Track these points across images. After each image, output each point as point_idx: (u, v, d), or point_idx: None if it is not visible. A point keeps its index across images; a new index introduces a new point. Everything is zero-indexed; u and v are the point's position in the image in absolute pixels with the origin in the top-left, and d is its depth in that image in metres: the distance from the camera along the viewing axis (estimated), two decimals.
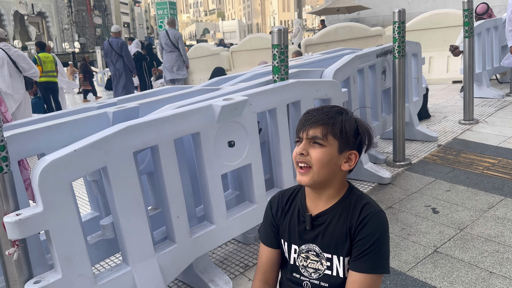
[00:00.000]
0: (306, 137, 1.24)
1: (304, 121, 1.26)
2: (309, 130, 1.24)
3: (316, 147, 1.23)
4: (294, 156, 1.27)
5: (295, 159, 1.27)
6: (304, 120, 1.27)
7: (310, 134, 1.23)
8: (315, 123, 1.24)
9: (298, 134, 1.27)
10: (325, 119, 1.23)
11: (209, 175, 2.18)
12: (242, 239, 2.85)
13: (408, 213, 3.00)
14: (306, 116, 1.27)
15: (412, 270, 2.36)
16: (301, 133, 1.26)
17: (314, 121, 1.24)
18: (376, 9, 14.22)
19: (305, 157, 1.23)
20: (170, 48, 9.13)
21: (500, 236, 2.61)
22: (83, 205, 3.64)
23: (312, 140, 1.23)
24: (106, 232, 2.04)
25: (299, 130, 1.27)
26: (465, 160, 3.85)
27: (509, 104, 5.58)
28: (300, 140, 1.26)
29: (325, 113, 1.25)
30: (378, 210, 1.25)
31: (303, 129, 1.25)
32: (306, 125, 1.25)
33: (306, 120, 1.26)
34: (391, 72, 3.93)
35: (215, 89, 2.79)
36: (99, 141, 1.74)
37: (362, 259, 1.21)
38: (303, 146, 1.24)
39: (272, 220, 1.39)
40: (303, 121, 1.27)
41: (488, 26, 6.04)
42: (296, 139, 1.28)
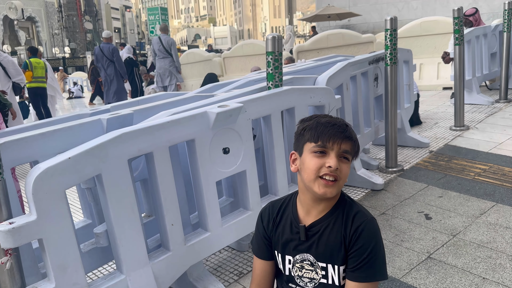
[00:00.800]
0: (338, 151, 1.22)
1: (332, 133, 1.22)
2: (341, 144, 1.22)
3: (344, 161, 1.23)
4: (318, 168, 1.21)
5: (320, 171, 1.21)
6: (333, 132, 1.22)
7: (343, 149, 1.22)
8: (347, 138, 1.23)
9: (325, 144, 1.21)
10: (352, 135, 1.25)
11: (203, 182, 2.18)
12: (236, 246, 2.84)
13: (401, 219, 3.01)
14: (333, 128, 1.22)
15: (406, 277, 2.37)
16: (330, 144, 1.21)
17: (346, 136, 1.23)
18: (367, 16, 14.36)
19: (336, 171, 1.21)
20: (163, 54, 9.12)
21: (492, 242, 2.64)
22: (75, 211, 3.60)
23: (341, 154, 1.23)
24: (100, 240, 2.02)
25: (325, 140, 1.21)
26: (457, 166, 3.89)
27: (498, 111, 5.65)
28: (325, 152, 1.22)
29: (350, 129, 1.26)
30: (370, 218, 1.27)
31: (333, 141, 1.21)
32: (336, 138, 1.21)
33: (336, 133, 1.22)
34: (383, 79, 3.97)
35: (209, 95, 2.79)
36: (93, 149, 1.73)
37: (360, 269, 1.22)
38: (336, 160, 1.21)
39: (263, 233, 1.38)
40: (330, 133, 1.22)
41: (477, 33, 6.13)
42: (319, 149, 1.22)
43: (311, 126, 1.25)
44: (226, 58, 10.98)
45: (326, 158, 1.22)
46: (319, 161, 1.22)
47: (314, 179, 1.23)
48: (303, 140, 1.27)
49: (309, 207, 1.30)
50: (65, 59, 31.13)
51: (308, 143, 1.24)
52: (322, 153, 1.22)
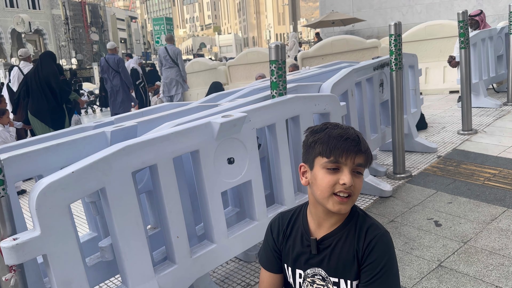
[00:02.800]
0: (352, 166, 1.17)
1: (345, 148, 1.17)
2: (355, 158, 1.17)
3: (358, 176, 1.20)
4: (332, 185, 1.17)
5: (334, 188, 1.17)
6: (346, 146, 1.17)
7: (356, 163, 1.18)
8: (361, 152, 1.18)
9: (338, 159, 1.17)
10: (366, 147, 1.21)
11: (209, 193, 2.16)
12: (243, 257, 2.81)
13: (411, 227, 2.97)
14: (346, 143, 1.17)
15: (417, 286, 2.32)
16: (343, 159, 1.16)
17: (360, 149, 1.18)
18: (371, 21, 14.35)
19: (350, 187, 1.17)
20: (169, 64, 9.16)
21: (504, 249, 2.58)
22: (81, 224, 3.60)
23: (355, 169, 1.19)
24: (105, 254, 2.00)
25: (338, 155, 1.16)
26: (466, 171, 3.83)
27: (507, 114, 5.58)
28: (338, 167, 1.17)
29: (362, 140, 1.21)
30: (383, 231, 1.24)
31: (346, 156, 1.16)
32: (350, 153, 1.17)
33: (350, 148, 1.17)
34: (388, 84, 3.94)
35: (213, 105, 2.78)
36: (97, 162, 1.72)
37: (373, 284, 1.19)
38: (350, 177, 1.16)
39: (273, 245, 1.35)
40: (343, 147, 1.17)
41: (483, 36, 6.08)
42: (332, 165, 1.17)
43: (322, 139, 1.20)
44: (231, 66, 11.01)
45: (340, 175, 1.17)
46: (332, 178, 1.18)
47: (328, 196, 1.19)
48: (313, 153, 1.22)
49: (321, 220, 1.26)
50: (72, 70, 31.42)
51: (320, 158, 1.20)
52: (335, 170, 1.18)
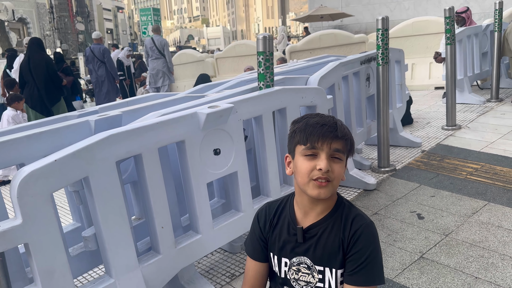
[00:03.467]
0: (328, 151, 1.18)
1: (321, 134, 1.18)
2: (331, 144, 1.18)
3: (336, 161, 1.20)
4: (310, 171, 1.19)
5: (312, 174, 1.19)
6: (321, 132, 1.18)
7: (333, 148, 1.19)
8: (337, 137, 1.19)
9: (314, 145, 1.18)
10: (344, 133, 1.21)
11: (194, 183, 2.15)
12: (229, 248, 2.82)
13: (394, 219, 3.01)
14: (323, 129, 1.19)
15: (399, 277, 2.36)
16: (319, 145, 1.18)
17: (337, 135, 1.19)
18: (359, 16, 14.39)
19: (328, 173, 1.18)
20: (156, 55, 9.08)
21: (484, 241, 2.64)
22: (64, 215, 3.56)
23: (333, 154, 1.19)
24: (88, 243, 1.98)
25: (314, 141, 1.18)
26: (449, 165, 3.89)
27: (490, 110, 5.68)
28: (315, 154, 1.19)
29: (340, 127, 1.22)
30: (369, 222, 1.25)
31: (322, 142, 1.18)
32: (326, 139, 1.18)
33: (325, 133, 1.18)
34: (375, 79, 3.96)
35: (199, 96, 2.76)
36: (80, 151, 1.70)
37: (359, 273, 1.21)
38: (327, 163, 1.17)
39: (260, 234, 1.36)
40: (319, 133, 1.18)
41: (469, 33, 6.15)
42: (309, 152, 1.19)
43: (300, 127, 1.23)
44: (218, 58, 10.95)
45: (317, 160, 1.19)
46: (310, 164, 1.19)
47: (307, 182, 1.20)
48: (294, 142, 1.25)
49: (307, 208, 1.28)
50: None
51: (299, 146, 1.22)
52: (313, 155, 1.20)
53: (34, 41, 6.59)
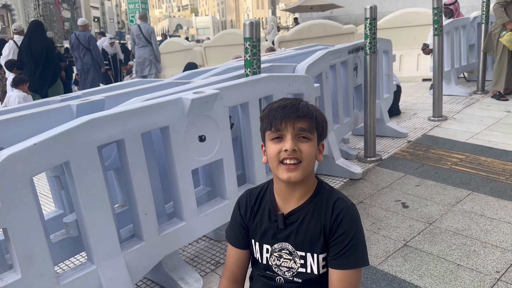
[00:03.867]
0: (293, 131, 1.17)
1: (283, 115, 1.18)
2: (295, 123, 1.17)
3: (304, 141, 1.19)
4: (277, 153, 1.18)
5: (279, 156, 1.18)
6: (283, 114, 1.18)
7: (297, 128, 1.18)
8: (301, 117, 1.18)
9: (278, 127, 1.18)
10: (308, 112, 1.20)
11: (178, 170, 2.13)
12: (214, 236, 2.81)
13: (379, 208, 3.02)
14: (284, 110, 1.18)
15: (383, 264, 2.37)
16: (282, 126, 1.17)
17: (299, 114, 1.18)
18: (349, 7, 14.37)
19: (296, 153, 1.17)
20: (142, 43, 8.95)
21: (467, 230, 2.67)
22: (48, 203, 3.51)
23: (299, 134, 1.18)
24: (70, 230, 1.95)
25: (278, 124, 1.18)
26: (434, 155, 3.92)
27: (476, 102, 5.73)
28: (281, 136, 1.19)
29: (304, 106, 1.20)
30: (350, 204, 1.24)
31: (285, 123, 1.17)
32: (289, 119, 1.17)
33: (287, 114, 1.18)
34: (362, 68, 3.96)
35: (185, 82, 2.72)
36: (61, 135, 1.66)
37: (343, 256, 1.20)
38: (292, 142, 1.17)
39: (241, 221, 1.35)
40: (281, 115, 1.18)
41: (456, 25, 6.18)
42: (275, 135, 1.19)
43: (265, 114, 1.22)
44: (207, 47, 10.85)
45: (283, 142, 1.18)
46: (277, 147, 1.19)
47: (276, 166, 1.20)
48: (262, 129, 1.25)
49: (286, 194, 1.26)
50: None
51: (267, 132, 1.22)
52: (279, 138, 1.19)
53: (35, 24, 6.78)
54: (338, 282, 1.20)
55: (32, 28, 6.64)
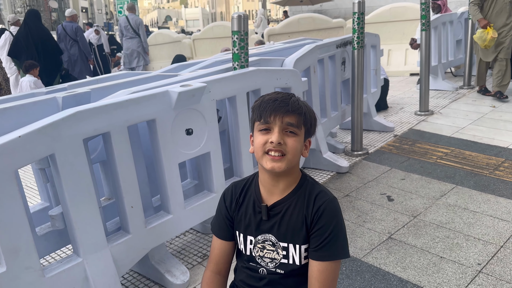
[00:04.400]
0: (281, 125, 1.20)
1: (273, 108, 1.20)
2: (284, 118, 1.20)
3: (291, 135, 1.21)
4: (263, 144, 1.21)
5: (264, 146, 1.21)
6: (273, 107, 1.20)
7: (286, 122, 1.20)
8: (290, 112, 1.20)
9: (267, 120, 1.20)
10: (297, 108, 1.22)
11: (165, 163, 2.13)
12: (201, 228, 2.82)
13: (364, 201, 3.06)
14: (274, 103, 1.21)
15: (367, 256, 2.41)
16: (271, 119, 1.20)
17: (288, 109, 1.20)
18: (339, 1, 14.37)
19: (281, 146, 1.20)
20: (130, 35, 8.86)
21: (451, 223, 2.72)
22: (34, 195, 3.48)
23: (286, 128, 1.21)
24: (55, 222, 1.95)
25: (267, 116, 1.20)
26: (420, 149, 3.97)
27: (462, 96, 5.80)
28: (269, 128, 1.21)
29: (294, 102, 1.22)
30: (331, 197, 1.27)
31: (274, 116, 1.20)
32: (278, 113, 1.20)
33: (277, 108, 1.20)
34: (350, 63, 3.98)
35: (173, 75, 2.72)
36: (46, 127, 1.65)
37: (323, 248, 1.23)
38: (279, 135, 1.19)
39: (226, 213, 1.36)
40: (271, 108, 1.20)
41: (444, 20, 6.23)
42: (263, 126, 1.21)
43: (256, 105, 1.25)
44: (196, 40, 10.78)
45: (270, 134, 1.21)
46: (263, 138, 1.22)
47: (261, 155, 1.23)
48: (252, 120, 1.27)
49: (270, 186, 1.29)
50: None
51: (256, 123, 1.25)
52: (267, 130, 1.22)
53: (32, 13, 6.89)
54: (317, 273, 1.23)
55: (29, 17, 6.73)
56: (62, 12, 43.85)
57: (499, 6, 5.26)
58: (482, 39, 5.18)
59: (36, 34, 6.66)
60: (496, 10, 5.27)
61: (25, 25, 6.70)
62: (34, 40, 6.64)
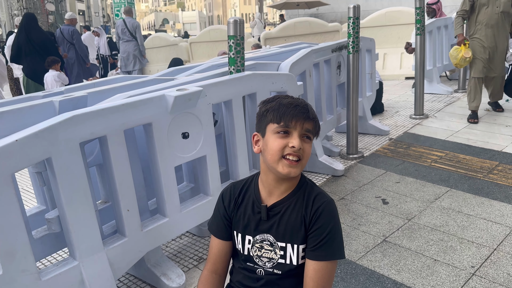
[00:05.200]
0: (301, 130, 1.23)
1: (295, 113, 1.22)
2: (304, 123, 1.23)
3: (307, 141, 1.25)
4: (281, 148, 1.22)
5: (283, 150, 1.22)
6: (295, 112, 1.23)
7: (305, 128, 1.23)
8: (309, 118, 1.24)
9: (288, 124, 1.22)
10: (314, 115, 1.27)
11: (161, 167, 2.14)
12: (197, 231, 2.83)
13: (359, 204, 3.08)
14: (296, 109, 1.23)
15: (362, 259, 2.43)
16: (292, 124, 1.22)
17: (309, 116, 1.24)
18: (335, 5, 14.45)
19: (299, 151, 1.23)
20: (127, 38, 8.87)
21: (445, 226, 2.74)
22: (31, 198, 3.49)
23: (304, 134, 1.24)
24: (52, 225, 1.96)
25: (288, 120, 1.22)
26: (415, 153, 4.00)
27: (457, 100, 5.84)
28: (288, 132, 1.23)
29: (311, 109, 1.27)
30: (329, 199, 1.30)
31: (295, 121, 1.22)
32: (299, 118, 1.23)
33: (299, 113, 1.23)
34: (345, 67, 4.01)
35: (169, 79, 2.73)
36: (43, 131, 1.67)
37: (320, 248, 1.25)
38: (299, 140, 1.22)
39: (224, 213, 1.38)
40: (293, 113, 1.22)
41: (438, 24, 6.28)
42: (282, 129, 1.23)
43: (273, 107, 1.26)
44: (193, 43, 10.81)
45: (289, 138, 1.23)
46: (282, 142, 1.23)
47: (278, 159, 1.24)
48: (265, 121, 1.27)
49: (272, 187, 1.31)
50: None
51: (271, 124, 1.25)
52: (285, 133, 1.24)
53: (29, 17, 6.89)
54: (313, 272, 1.25)
55: (27, 21, 6.74)
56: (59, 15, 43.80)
57: (487, 17, 4.60)
58: (453, 57, 4.77)
59: (36, 38, 6.66)
60: (484, 23, 4.63)
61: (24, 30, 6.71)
62: (37, 42, 6.66)
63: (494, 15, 4.57)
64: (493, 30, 4.60)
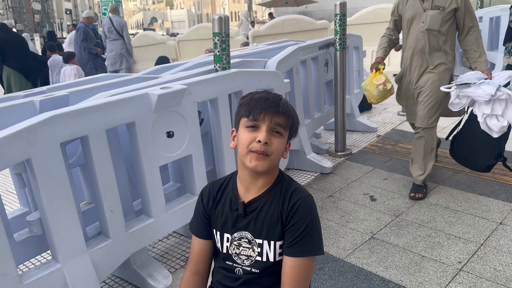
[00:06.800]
0: (269, 124, 1.21)
1: (264, 107, 1.20)
2: (273, 118, 1.21)
3: (277, 136, 1.22)
4: (249, 142, 1.20)
5: (250, 145, 1.20)
6: (264, 106, 1.20)
7: (274, 122, 1.21)
8: (279, 112, 1.21)
9: (256, 117, 1.20)
10: (287, 110, 1.23)
11: (146, 166, 2.11)
12: (184, 232, 2.80)
13: (347, 201, 3.08)
14: (266, 103, 1.21)
15: (350, 256, 2.42)
16: (261, 117, 1.20)
17: (279, 110, 1.21)
18: (323, 3, 14.48)
19: (266, 146, 1.20)
20: (114, 36, 8.77)
21: (432, 222, 2.75)
22: (15, 200, 3.42)
23: (274, 128, 1.22)
24: (33, 228, 1.92)
25: (257, 114, 1.20)
26: (402, 149, 4.01)
27: None
28: (256, 126, 1.21)
29: (284, 103, 1.23)
30: (307, 195, 1.28)
31: (264, 115, 1.20)
32: (268, 112, 1.20)
33: (268, 107, 1.20)
34: (333, 64, 4.00)
35: (154, 77, 2.70)
36: (22, 131, 1.63)
37: (297, 244, 1.23)
38: (266, 135, 1.20)
39: (203, 211, 1.36)
40: (262, 107, 1.20)
41: None
42: (251, 123, 1.21)
43: (245, 101, 1.25)
44: (180, 41, 10.74)
45: (258, 132, 1.21)
46: (250, 135, 1.21)
47: (246, 153, 1.22)
48: (239, 115, 1.26)
49: (248, 183, 1.29)
50: None
51: (243, 118, 1.24)
52: (254, 127, 1.22)
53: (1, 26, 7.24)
54: (290, 269, 1.23)
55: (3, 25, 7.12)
56: (46, 14, 43.23)
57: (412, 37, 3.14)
58: (364, 88, 3.39)
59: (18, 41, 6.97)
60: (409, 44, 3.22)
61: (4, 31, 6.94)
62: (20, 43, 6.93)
63: (421, 35, 3.08)
64: (423, 57, 3.17)
